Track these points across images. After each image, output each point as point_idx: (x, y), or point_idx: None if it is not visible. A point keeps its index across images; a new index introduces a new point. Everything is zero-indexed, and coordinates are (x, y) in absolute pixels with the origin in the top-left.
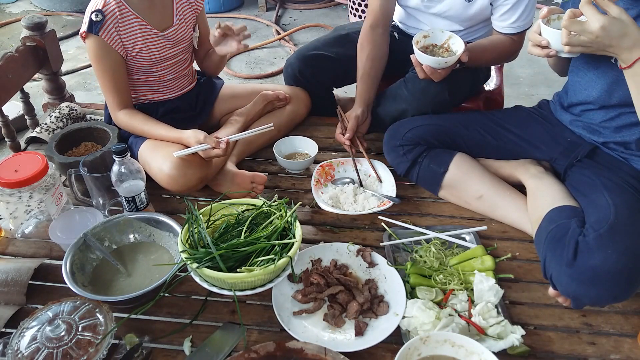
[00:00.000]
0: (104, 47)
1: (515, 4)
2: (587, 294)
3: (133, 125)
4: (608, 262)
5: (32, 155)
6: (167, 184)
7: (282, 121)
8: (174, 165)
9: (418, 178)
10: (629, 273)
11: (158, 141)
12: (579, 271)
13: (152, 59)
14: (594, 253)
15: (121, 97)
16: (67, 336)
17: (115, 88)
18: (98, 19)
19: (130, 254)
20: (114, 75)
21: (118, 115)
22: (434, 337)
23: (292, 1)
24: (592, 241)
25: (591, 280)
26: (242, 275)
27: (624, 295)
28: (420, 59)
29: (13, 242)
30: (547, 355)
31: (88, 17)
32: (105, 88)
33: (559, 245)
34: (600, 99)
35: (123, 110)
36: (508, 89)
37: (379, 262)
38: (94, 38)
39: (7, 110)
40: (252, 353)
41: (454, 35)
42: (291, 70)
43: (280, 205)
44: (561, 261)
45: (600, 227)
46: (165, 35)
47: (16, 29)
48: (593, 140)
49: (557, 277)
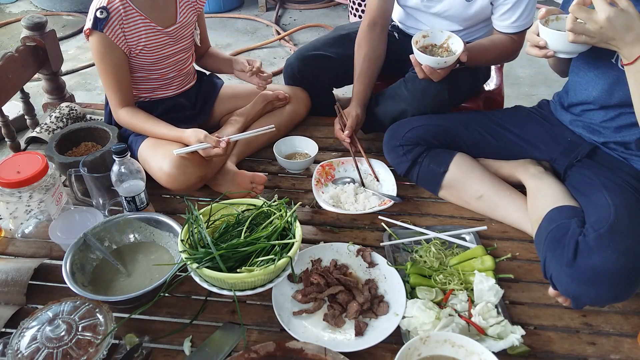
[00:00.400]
0: (108, 45)
1: (515, 3)
2: (587, 293)
3: (134, 123)
4: (608, 262)
5: (32, 155)
6: (167, 182)
7: (282, 121)
8: (174, 164)
9: (418, 178)
10: (629, 273)
11: (158, 140)
12: (579, 271)
13: (155, 57)
14: (594, 253)
15: (123, 94)
16: (67, 336)
17: (118, 86)
18: (103, 16)
19: (130, 254)
20: (116, 73)
21: (119, 113)
22: (434, 337)
23: (292, 1)
24: (592, 241)
25: (591, 280)
26: (242, 276)
27: (624, 295)
28: (420, 58)
29: (13, 242)
30: (547, 355)
31: (92, 15)
32: (107, 85)
33: (559, 245)
34: (600, 99)
35: (125, 108)
36: (508, 89)
37: (379, 262)
38: (99, 35)
39: (7, 110)
40: (252, 353)
41: (453, 35)
42: (291, 70)
43: (280, 205)
44: (561, 261)
45: (600, 227)
46: (168, 33)
47: (16, 29)
48: (593, 140)
49: (557, 277)
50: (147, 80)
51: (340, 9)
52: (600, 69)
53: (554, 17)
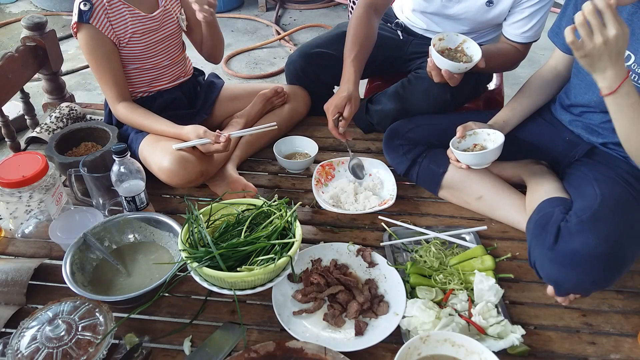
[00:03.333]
0: (97, 36)
1: (531, 13)
2: (567, 278)
3: (133, 118)
4: (588, 246)
5: (32, 155)
6: (168, 178)
7: (282, 119)
8: (174, 160)
9: (418, 178)
10: (607, 259)
11: (157, 137)
12: (559, 255)
13: (143, 44)
14: (575, 237)
15: (119, 89)
16: (67, 336)
17: (113, 79)
18: (86, 7)
19: (130, 254)
20: (109, 65)
21: (118, 108)
22: (434, 337)
23: (292, 1)
24: (573, 226)
25: (571, 264)
26: (242, 275)
27: (603, 281)
28: (440, 63)
29: (13, 242)
30: (547, 354)
31: (77, 9)
32: (102, 81)
33: (542, 231)
34: (601, 103)
35: (122, 102)
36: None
37: (379, 262)
38: (86, 27)
39: (7, 110)
40: (252, 353)
41: (469, 39)
42: (293, 68)
43: (280, 205)
44: (543, 245)
45: (583, 213)
46: (153, 18)
47: (16, 29)
48: (592, 140)
49: (540, 262)
50: (141, 72)
51: (340, 9)
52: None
53: (472, 132)
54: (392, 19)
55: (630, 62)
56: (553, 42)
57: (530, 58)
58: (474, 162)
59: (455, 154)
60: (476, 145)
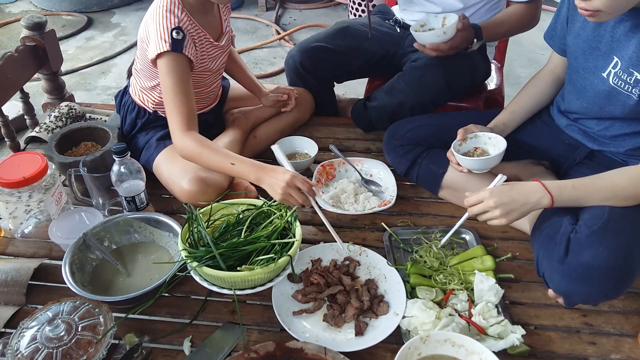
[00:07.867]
0: (187, 65)
1: None
2: (578, 291)
3: (202, 153)
4: (599, 259)
5: (32, 155)
6: (186, 199)
7: (287, 125)
8: (195, 182)
9: (418, 178)
10: (620, 271)
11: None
12: (570, 268)
13: (211, 71)
14: (585, 250)
15: (192, 116)
16: (66, 336)
17: (189, 107)
18: (180, 37)
19: (130, 254)
20: (188, 93)
21: (186, 138)
22: (434, 337)
23: (292, 1)
24: (583, 238)
25: (582, 277)
26: (242, 274)
27: (614, 293)
28: (420, 39)
29: (13, 242)
30: (547, 355)
31: (167, 36)
32: (177, 109)
33: (551, 242)
34: (591, 111)
35: (191, 131)
36: (508, 89)
37: (379, 262)
38: (177, 56)
39: (6, 110)
40: (252, 353)
41: (448, 14)
42: (292, 62)
43: (280, 205)
44: (553, 258)
45: (593, 224)
46: (219, 46)
47: (16, 29)
48: (589, 146)
49: (549, 274)
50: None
51: (340, 8)
52: (588, 80)
53: (473, 134)
54: (390, 16)
55: (617, 69)
56: (549, 44)
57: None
58: (475, 167)
59: (457, 157)
60: (477, 148)
